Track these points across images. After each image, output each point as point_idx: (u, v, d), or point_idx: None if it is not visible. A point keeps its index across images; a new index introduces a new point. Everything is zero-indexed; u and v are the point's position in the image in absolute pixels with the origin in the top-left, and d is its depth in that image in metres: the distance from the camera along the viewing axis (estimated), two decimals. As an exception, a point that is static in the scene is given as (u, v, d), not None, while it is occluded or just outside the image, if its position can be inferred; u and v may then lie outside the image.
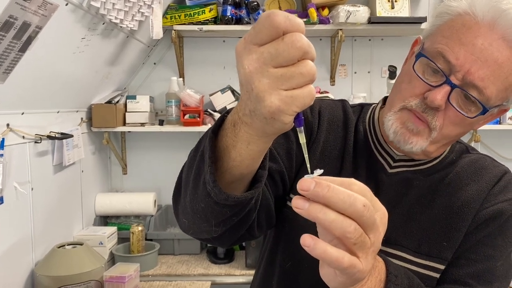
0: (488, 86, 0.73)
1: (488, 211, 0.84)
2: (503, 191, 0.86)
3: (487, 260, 0.83)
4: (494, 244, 0.84)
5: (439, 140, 0.80)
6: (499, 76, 0.73)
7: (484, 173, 0.88)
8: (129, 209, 2.27)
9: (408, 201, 0.87)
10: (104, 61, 1.96)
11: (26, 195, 1.60)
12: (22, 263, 1.60)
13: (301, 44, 0.47)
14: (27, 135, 1.59)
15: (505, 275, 0.85)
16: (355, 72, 2.52)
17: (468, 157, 0.90)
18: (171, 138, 2.51)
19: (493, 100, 0.75)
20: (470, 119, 0.76)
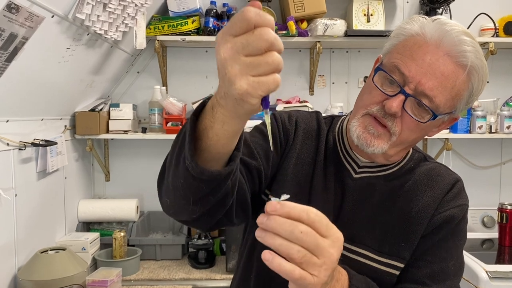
0: (437, 95, 0.84)
1: (441, 216, 0.94)
2: (454, 198, 0.96)
3: (441, 261, 0.93)
4: (447, 247, 0.94)
5: (398, 144, 0.89)
6: (446, 86, 0.83)
7: (439, 180, 0.97)
8: (111, 215, 2.30)
9: (371, 204, 0.96)
10: (88, 70, 2.01)
11: (9, 201, 1.63)
12: (4, 268, 1.62)
13: (268, 37, 0.55)
14: (11, 142, 1.63)
15: (456, 273, 0.95)
16: (333, 82, 2.61)
17: (426, 166, 1.00)
18: (153, 146, 2.56)
19: (442, 108, 0.85)
20: (423, 124, 0.86)
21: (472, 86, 0.86)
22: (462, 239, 0.97)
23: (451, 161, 2.52)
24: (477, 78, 0.86)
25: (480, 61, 0.85)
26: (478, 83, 0.87)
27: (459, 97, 0.86)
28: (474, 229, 2.50)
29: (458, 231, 0.95)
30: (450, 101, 0.86)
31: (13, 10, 1.22)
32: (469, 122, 2.42)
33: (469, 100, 0.89)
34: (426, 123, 0.86)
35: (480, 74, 0.86)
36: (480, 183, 2.65)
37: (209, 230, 1.03)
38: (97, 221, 2.33)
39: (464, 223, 0.97)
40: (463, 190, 0.99)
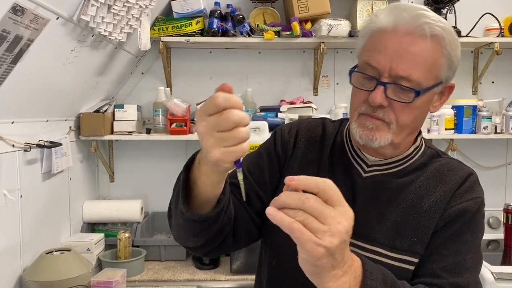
0: (411, 73, 0.86)
1: (454, 209, 0.93)
2: (468, 191, 0.95)
3: (457, 255, 0.92)
4: (462, 240, 0.93)
5: (400, 130, 0.91)
6: (417, 62, 0.86)
7: (451, 175, 0.97)
8: (116, 216, 2.31)
9: (382, 202, 0.96)
10: (93, 72, 2.02)
11: (15, 202, 1.64)
12: (10, 269, 1.63)
13: (234, 118, 0.68)
14: (16, 144, 1.64)
15: (474, 266, 0.94)
16: (337, 83, 2.60)
17: (438, 162, 1.00)
18: (158, 147, 2.56)
19: (424, 82, 0.87)
20: (415, 103, 0.88)
21: (447, 51, 0.89)
22: (479, 232, 0.97)
23: (456, 162, 2.50)
24: (447, 42, 0.88)
25: (441, 26, 0.88)
26: (451, 46, 0.89)
27: (437, 66, 0.89)
28: (480, 230, 2.49)
29: (473, 224, 0.95)
30: (429, 73, 0.88)
31: (18, 12, 1.23)
32: (474, 122, 2.40)
33: (451, 65, 0.91)
34: (416, 102, 0.88)
35: (448, 37, 0.88)
36: (486, 184, 2.57)
37: (214, 255, 1.13)
38: (101, 222, 2.34)
39: (479, 216, 0.96)
40: (477, 183, 0.98)
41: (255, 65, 2.56)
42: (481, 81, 2.60)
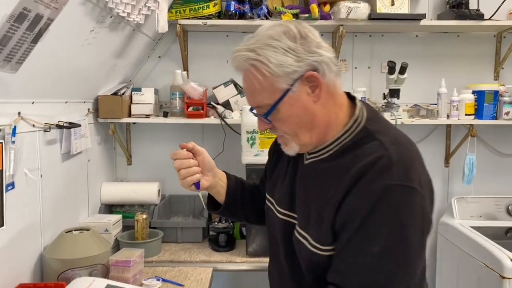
0: (257, 101, 0.99)
1: (350, 205, 0.90)
2: (371, 181, 0.88)
3: (359, 252, 0.89)
4: (366, 235, 0.89)
5: (295, 136, 1.01)
6: (254, 94, 0.99)
7: (361, 161, 0.91)
8: (133, 198, 2.33)
9: (307, 187, 1.04)
10: (111, 54, 2.02)
11: (35, 181, 1.67)
12: (31, 246, 1.66)
13: (175, 166, 1.20)
14: (37, 124, 1.65)
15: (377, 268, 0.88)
16: (355, 67, 2.57)
17: (366, 144, 0.95)
18: (174, 130, 2.57)
19: (268, 101, 0.97)
20: (277, 117, 0.99)
21: (266, 66, 0.93)
22: (390, 225, 0.87)
23: (475, 148, 2.46)
24: (261, 59, 0.93)
25: (249, 49, 0.95)
26: (267, 57, 0.93)
27: (268, 83, 0.95)
28: (498, 218, 2.45)
29: (372, 221, 0.87)
30: (266, 92, 0.96)
31: (38, -9, 1.23)
32: (495, 108, 2.36)
33: (281, 69, 0.93)
34: (278, 115, 0.98)
35: (259, 54, 0.94)
36: (505, 171, 2.60)
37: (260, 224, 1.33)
38: (119, 203, 2.37)
39: (388, 205, 0.87)
40: (387, 168, 0.88)
41: (272, 49, 2.53)
42: (503, 66, 2.54)
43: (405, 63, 2.27)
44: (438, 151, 2.61)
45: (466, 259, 2.22)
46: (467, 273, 2.24)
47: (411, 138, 1.03)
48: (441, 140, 2.60)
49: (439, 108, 2.37)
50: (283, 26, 0.96)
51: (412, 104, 2.51)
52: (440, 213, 2.61)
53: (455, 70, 2.55)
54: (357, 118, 1.00)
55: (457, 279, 2.33)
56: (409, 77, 2.32)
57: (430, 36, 2.56)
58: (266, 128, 1.02)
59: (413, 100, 2.52)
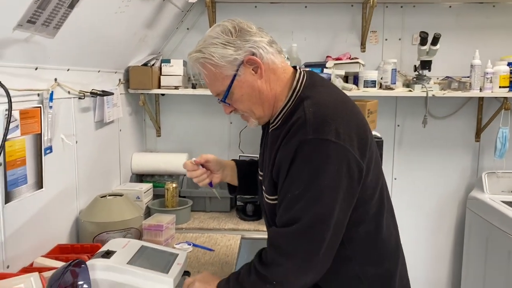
0: (215, 90, 1.21)
1: (276, 161, 1.14)
2: (290, 138, 1.10)
3: (286, 193, 1.12)
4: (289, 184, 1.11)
5: (251, 112, 1.21)
6: (210, 84, 1.21)
7: (288, 122, 1.13)
8: (163, 168, 2.38)
9: (267, 151, 1.24)
10: (142, 24, 2.04)
11: (71, 147, 1.72)
12: (68, 209, 1.72)
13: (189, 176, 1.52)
14: (72, 91, 1.69)
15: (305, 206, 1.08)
16: (386, 39, 2.53)
17: (296, 111, 1.14)
18: (202, 103, 2.59)
19: (220, 87, 1.17)
20: (233, 99, 1.19)
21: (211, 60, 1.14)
22: (307, 170, 1.07)
23: (509, 122, 2.41)
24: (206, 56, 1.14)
25: (197, 50, 1.18)
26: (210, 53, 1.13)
27: (217, 74, 1.15)
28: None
29: (295, 169, 1.09)
30: (218, 81, 1.17)
31: (75, -46, 1.25)
32: (531, 80, 2.29)
33: (225, 59, 1.13)
34: (233, 97, 1.18)
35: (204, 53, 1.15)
36: None
37: None
38: (149, 173, 2.42)
39: (303, 154, 1.07)
40: (303, 126, 1.07)
41: (301, 20, 2.51)
42: (541, 37, 2.45)
43: (438, 33, 2.22)
44: (469, 125, 2.55)
45: (496, 233, 2.20)
46: (497, 246, 2.22)
47: (441, 111, 1.10)
48: (472, 114, 2.55)
49: (472, 81, 2.31)
50: (220, 26, 1.18)
51: (444, 76, 2.46)
52: (469, 188, 2.58)
53: (489, 41, 2.48)
54: (294, 88, 1.18)
55: (486, 252, 2.31)
56: (441, 49, 2.27)
57: (464, 6, 2.48)
58: (230, 110, 1.23)
59: (444, 72, 2.46)
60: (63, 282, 1.15)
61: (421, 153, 2.56)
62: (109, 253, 1.32)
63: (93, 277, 1.22)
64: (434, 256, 2.70)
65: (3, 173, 1.29)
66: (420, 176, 2.60)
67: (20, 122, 1.37)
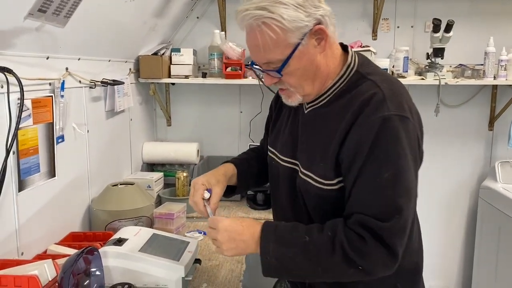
0: (269, 58, 1.01)
1: (353, 141, 0.99)
2: (368, 115, 0.97)
3: (373, 178, 0.98)
4: (371, 172, 0.97)
5: (300, 87, 1.07)
6: (265, 50, 1.00)
7: (357, 99, 1.01)
8: (174, 158, 2.39)
9: (309, 131, 1.12)
10: (152, 12, 2.03)
11: (83, 136, 1.73)
12: (80, 198, 1.74)
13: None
14: (83, 80, 1.70)
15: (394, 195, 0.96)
16: (398, 26, 2.49)
17: (360, 85, 1.04)
18: (212, 92, 2.59)
19: (279, 56, 1.00)
20: (287, 72, 1.02)
21: (277, 22, 0.96)
22: (395, 149, 0.96)
23: (523, 110, 2.37)
24: (272, 16, 0.96)
25: (259, 7, 0.97)
26: (279, 13, 0.96)
27: (279, 40, 0.98)
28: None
29: (377, 151, 0.96)
30: (278, 49, 0.99)
31: None
32: (547, 67, 2.24)
33: (292, 24, 0.97)
34: (288, 69, 1.02)
35: (269, 11, 0.96)
36: None
37: None
38: (160, 162, 2.43)
39: (389, 131, 0.96)
40: (382, 102, 0.98)
41: (312, 8, 2.48)
42: (557, 23, 2.40)
43: (451, 20, 2.18)
44: (482, 114, 2.52)
45: (509, 223, 2.18)
46: (509, 236, 2.20)
47: (454, 100, 1.09)
48: (486, 102, 2.51)
49: (486, 68, 2.27)
50: None
51: (457, 64, 2.42)
52: (482, 177, 2.56)
53: (504, 28, 2.43)
54: (349, 64, 1.08)
55: (498, 242, 2.30)
56: (454, 36, 2.24)
57: (478, -8, 2.44)
58: (274, 82, 1.07)
59: (458, 60, 2.43)
60: (76, 269, 1.17)
61: (433, 142, 2.54)
62: (121, 241, 1.34)
63: (105, 264, 1.24)
64: (446, 246, 2.68)
65: (16, 161, 1.31)
66: (432, 166, 2.57)
67: (32, 111, 1.38)
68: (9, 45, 1.25)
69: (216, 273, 1.50)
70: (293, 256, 1.00)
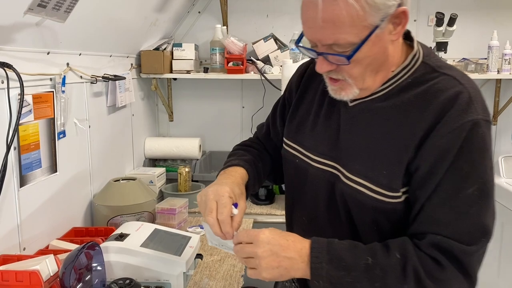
0: (338, 38, 0.82)
1: (435, 146, 0.83)
2: (455, 117, 0.82)
3: (456, 193, 0.83)
4: (456, 177, 0.83)
5: (361, 79, 0.89)
6: (337, 27, 0.81)
7: (436, 97, 0.85)
8: (176, 153, 2.39)
9: (362, 129, 0.93)
10: (153, 7, 2.03)
11: (84, 132, 1.73)
12: (82, 193, 1.74)
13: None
14: (84, 75, 1.70)
15: (477, 211, 0.83)
16: (414, 20, 2.47)
17: (431, 80, 0.88)
18: (214, 87, 2.58)
19: (353, 39, 0.82)
20: (355, 59, 0.84)
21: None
22: (482, 160, 0.83)
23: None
24: None
25: None
26: None
27: (359, 18, 0.80)
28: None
29: (468, 153, 0.82)
30: (355, 28, 0.81)
31: None
32: (551, 61, 2.23)
33: (380, 1, 0.80)
34: (358, 55, 0.83)
35: None
36: None
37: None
38: (162, 158, 2.43)
39: (477, 139, 0.81)
40: (471, 103, 0.83)
41: (314, 2, 2.47)
42: (562, 16, 2.38)
43: (455, 14, 2.17)
44: (486, 108, 2.50)
45: (512, 218, 2.17)
46: (513, 231, 2.19)
47: None
48: (489, 96, 2.49)
49: (489, 62, 2.26)
50: None
51: (460, 58, 2.40)
52: (486, 172, 2.54)
53: (508, 21, 2.41)
54: (415, 54, 0.91)
55: (501, 238, 2.29)
56: (458, 30, 2.22)
57: (482, -15, 2.42)
58: (329, 70, 0.88)
59: (461, 54, 2.41)
60: (77, 264, 1.17)
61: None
62: (122, 236, 1.34)
63: (107, 259, 1.24)
64: (448, 241, 2.67)
65: (17, 157, 1.31)
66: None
67: (33, 106, 1.38)
68: (9, 40, 1.24)
69: (218, 268, 1.50)
70: (353, 282, 0.83)
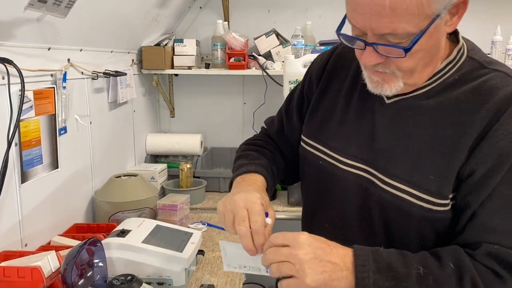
0: (396, 27, 0.73)
1: (494, 147, 0.77)
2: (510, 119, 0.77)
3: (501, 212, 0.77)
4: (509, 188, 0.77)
5: (410, 73, 0.81)
6: (397, 15, 0.72)
7: (491, 95, 0.79)
8: (177, 149, 2.38)
9: (404, 129, 0.86)
10: (154, 2, 2.02)
11: (86, 128, 1.72)
12: (83, 189, 1.74)
13: None
14: (85, 71, 1.69)
15: None
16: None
17: (479, 76, 0.82)
18: (216, 83, 2.57)
19: (413, 29, 0.74)
20: (411, 47, 0.75)
21: None
22: None
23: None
24: None
25: None
26: None
27: (423, 5, 0.71)
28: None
29: None
30: (417, 17, 0.72)
31: None
32: (555, 56, 2.21)
33: None
34: (414, 47, 0.75)
35: None
36: None
37: None
38: (164, 154, 2.43)
39: None
40: None
41: (316, -3, 2.46)
42: None
43: (457, 8, 2.15)
44: (489, 104, 2.49)
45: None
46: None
47: None
48: (492, 92, 2.48)
49: (493, 57, 2.24)
50: None
51: (463, 53, 2.39)
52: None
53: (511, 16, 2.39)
54: (460, 48, 0.86)
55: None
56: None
57: (485, -20, 2.40)
58: (379, 62, 0.79)
59: (464, 49, 2.39)
60: (79, 260, 1.17)
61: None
62: (124, 232, 1.34)
63: (108, 256, 1.24)
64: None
65: (18, 153, 1.31)
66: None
67: (34, 102, 1.37)
68: (9, 36, 1.24)
69: (220, 264, 1.50)
70: None
